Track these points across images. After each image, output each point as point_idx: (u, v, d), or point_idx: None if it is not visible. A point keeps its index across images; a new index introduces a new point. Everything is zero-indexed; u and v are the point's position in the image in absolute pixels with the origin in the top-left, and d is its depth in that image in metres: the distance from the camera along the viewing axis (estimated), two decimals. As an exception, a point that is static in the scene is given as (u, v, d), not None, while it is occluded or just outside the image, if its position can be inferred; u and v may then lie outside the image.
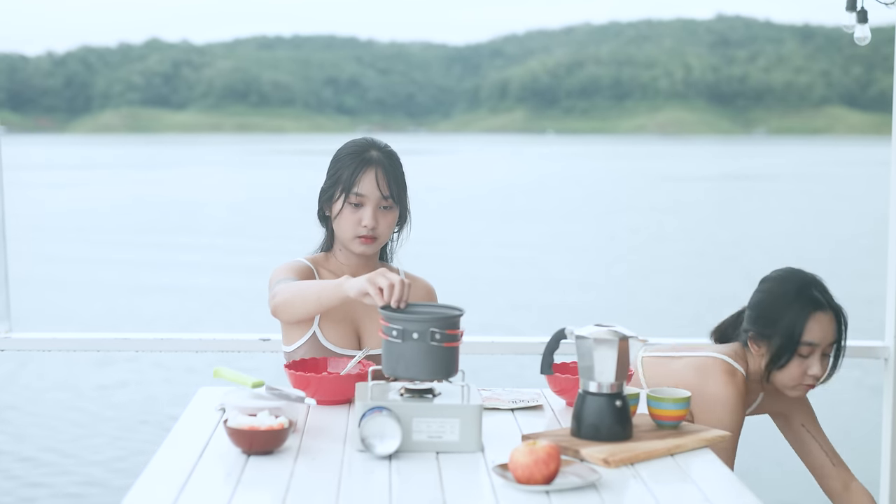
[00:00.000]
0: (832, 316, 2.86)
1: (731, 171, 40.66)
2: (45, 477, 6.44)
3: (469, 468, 2.18)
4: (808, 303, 2.85)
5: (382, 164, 2.89)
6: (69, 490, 6.21)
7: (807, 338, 2.83)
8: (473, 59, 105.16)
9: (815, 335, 2.84)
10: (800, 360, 2.86)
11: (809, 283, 2.89)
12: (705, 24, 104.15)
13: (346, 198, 2.86)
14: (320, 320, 2.88)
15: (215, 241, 19.35)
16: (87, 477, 6.46)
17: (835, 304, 2.88)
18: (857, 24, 3.47)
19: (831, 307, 2.87)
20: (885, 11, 3.47)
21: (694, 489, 2.10)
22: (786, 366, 2.86)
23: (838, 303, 2.90)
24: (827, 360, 2.89)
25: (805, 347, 2.84)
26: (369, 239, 2.89)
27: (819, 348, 2.85)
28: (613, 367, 2.34)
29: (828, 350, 2.87)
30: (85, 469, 6.62)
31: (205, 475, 2.13)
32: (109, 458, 6.88)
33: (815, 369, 2.85)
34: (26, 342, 3.73)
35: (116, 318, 12.13)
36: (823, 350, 2.86)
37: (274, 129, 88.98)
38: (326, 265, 2.98)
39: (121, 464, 6.73)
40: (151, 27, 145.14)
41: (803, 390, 2.89)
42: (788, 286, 2.89)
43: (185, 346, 3.66)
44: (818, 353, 2.85)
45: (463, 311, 2.41)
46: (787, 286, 2.89)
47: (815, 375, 2.86)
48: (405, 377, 2.33)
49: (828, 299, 2.88)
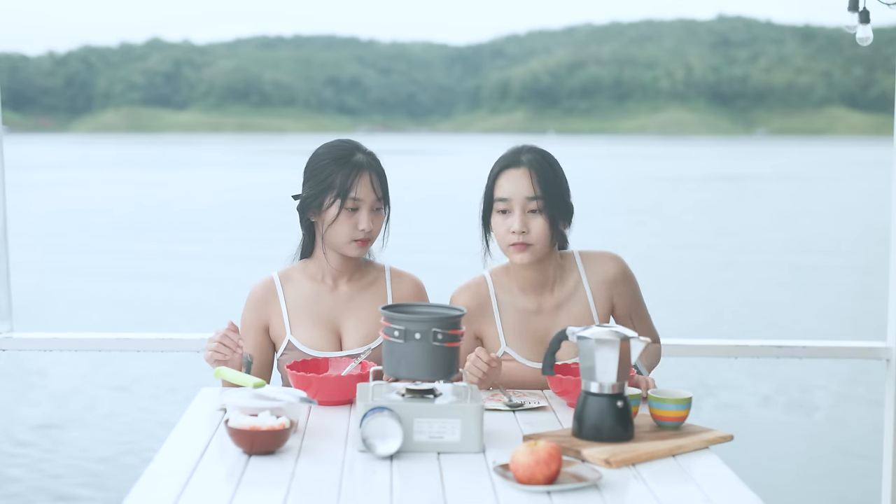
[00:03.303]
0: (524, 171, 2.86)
1: (732, 172, 40.64)
2: (45, 477, 6.43)
3: (470, 468, 2.18)
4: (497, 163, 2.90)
5: (372, 166, 2.90)
6: (69, 490, 6.21)
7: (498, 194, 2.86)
8: (474, 60, 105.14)
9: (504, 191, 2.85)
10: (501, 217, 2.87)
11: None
12: (706, 24, 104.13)
13: (343, 203, 2.85)
14: (292, 328, 2.90)
15: (216, 241, 19.36)
16: (88, 477, 6.46)
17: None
18: (860, 24, 3.46)
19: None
20: (886, 12, 3.47)
21: (695, 489, 2.10)
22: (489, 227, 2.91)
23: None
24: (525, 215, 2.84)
25: (500, 203, 2.85)
26: (365, 241, 2.90)
27: (512, 203, 2.84)
28: (615, 368, 2.34)
29: (527, 205, 2.84)
30: (85, 469, 6.62)
31: (206, 475, 2.13)
32: (110, 458, 6.87)
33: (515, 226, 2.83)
34: (27, 342, 3.73)
35: (117, 318, 12.13)
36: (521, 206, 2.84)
37: (275, 129, 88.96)
38: (305, 272, 2.99)
39: (121, 464, 6.73)
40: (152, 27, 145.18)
41: (513, 251, 2.86)
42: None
43: (185, 346, 3.67)
44: (516, 210, 2.84)
45: (464, 311, 2.42)
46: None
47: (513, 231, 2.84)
48: (407, 377, 2.34)
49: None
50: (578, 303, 2.92)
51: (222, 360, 2.72)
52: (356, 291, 2.97)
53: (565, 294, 2.92)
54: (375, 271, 3.02)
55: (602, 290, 2.94)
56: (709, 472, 2.21)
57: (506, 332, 2.91)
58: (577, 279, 2.94)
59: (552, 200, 2.82)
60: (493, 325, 2.92)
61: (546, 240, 2.83)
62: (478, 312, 2.92)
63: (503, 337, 2.90)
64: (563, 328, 2.61)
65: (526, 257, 2.83)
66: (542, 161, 2.86)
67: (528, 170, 2.83)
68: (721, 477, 2.18)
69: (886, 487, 3.71)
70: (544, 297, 2.93)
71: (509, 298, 2.93)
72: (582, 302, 2.92)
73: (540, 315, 2.91)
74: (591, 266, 2.95)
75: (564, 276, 2.94)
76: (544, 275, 2.91)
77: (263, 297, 2.96)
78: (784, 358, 3.77)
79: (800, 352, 3.78)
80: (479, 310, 2.92)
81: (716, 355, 3.85)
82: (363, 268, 3.01)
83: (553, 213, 2.83)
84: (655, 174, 38.66)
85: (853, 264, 16.60)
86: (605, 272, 2.95)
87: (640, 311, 3.01)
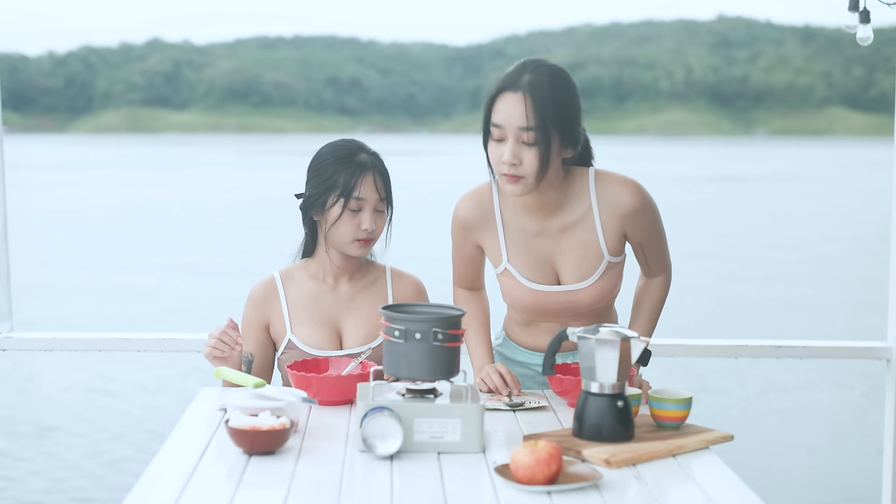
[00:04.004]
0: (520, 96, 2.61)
1: (732, 172, 40.63)
2: (44, 478, 6.43)
3: (470, 468, 2.18)
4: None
5: (376, 166, 2.91)
6: (69, 491, 6.21)
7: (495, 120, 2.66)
8: (474, 60, 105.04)
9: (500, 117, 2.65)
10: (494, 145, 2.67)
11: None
12: (706, 24, 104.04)
13: (346, 203, 2.86)
14: (293, 327, 2.90)
15: (216, 241, 19.35)
16: (88, 477, 6.46)
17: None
18: (860, 24, 3.46)
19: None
20: (887, 12, 3.47)
21: (696, 490, 2.10)
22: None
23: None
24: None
25: (495, 130, 2.65)
26: (367, 241, 2.90)
27: (505, 131, 2.64)
28: (615, 368, 2.34)
29: (520, 136, 2.63)
30: (85, 469, 6.61)
31: (206, 475, 2.13)
32: (110, 458, 6.87)
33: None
34: (27, 342, 3.73)
35: (117, 318, 12.13)
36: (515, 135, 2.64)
37: (275, 130, 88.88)
38: (306, 271, 3.00)
39: (121, 464, 6.72)
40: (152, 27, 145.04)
41: (504, 181, 2.68)
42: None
43: (185, 346, 3.67)
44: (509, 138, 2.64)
45: (465, 310, 2.42)
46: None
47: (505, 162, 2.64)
48: (407, 377, 2.34)
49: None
50: (585, 229, 2.77)
51: (221, 357, 2.72)
52: (357, 291, 2.98)
53: (571, 219, 2.77)
54: (376, 271, 3.03)
55: (614, 221, 2.76)
56: (709, 472, 2.21)
57: (508, 249, 2.84)
58: (586, 206, 2.77)
59: (549, 130, 2.60)
60: (495, 238, 2.84)
61: (538, 173, 2.62)
62: (482, 221, 2.84)
63: (506, 253, 2.84)
64: (571, 259, 2.58)
65: (517, 189, 2.66)
66: (543, 84, 2.61)
67: (524, 95, 2.59)
68: (721, 477, 2.18)
69: (886, 487, 3.71)
70: (548, 220, 2.79)
71: (512, 215, 2.82)
72: (589, 228, 2.77)
73: (542, 236, 2.81)
74: (604, 193, 2.76)
75: (572, 200, 2.77)
76: (544, 200, 2.75)
77: (264, 296, 2.96)
78: (784, 358, 3.77)
79: (800, 352, 3.78)
80: (483, 219, 2.84)
81: (716, 355, 3.85)
82: (364, 268, 3.02)
83: (548, 144, 2.60)
84: (655, 174, 38.62)
85: (853, 264, 16.60)
86: (619, 204, 2.75)
87: (654, 241, 2.83)
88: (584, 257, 2.78)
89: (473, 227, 2.86)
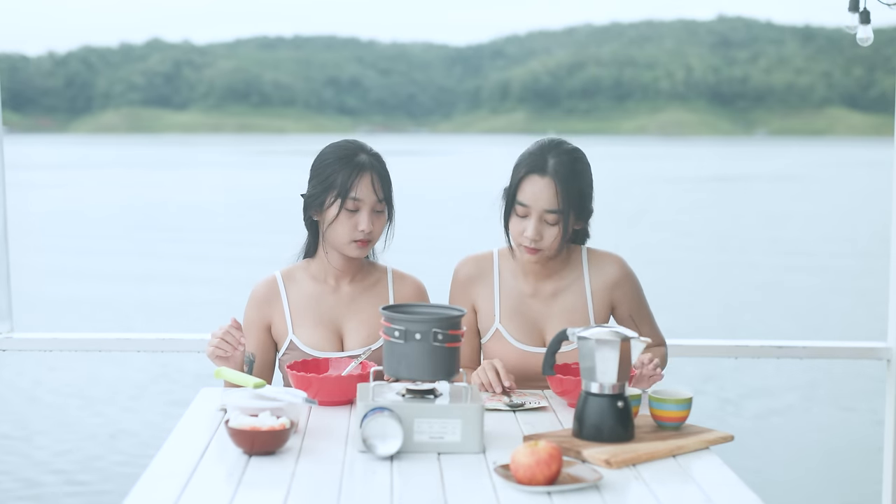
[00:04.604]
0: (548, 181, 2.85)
1: (732, 172, 40.63)
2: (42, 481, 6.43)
3: (470, 469, 2.18)
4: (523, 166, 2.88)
5: (375, 167, 2.89)
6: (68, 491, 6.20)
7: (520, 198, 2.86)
8: (474, 60, 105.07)
9: (526, 197, 2.85)
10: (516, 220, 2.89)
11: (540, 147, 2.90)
12: (706, 24, 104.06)
13: (343, 203, 2.85)
14: (294, 328, 2.90)
15: (217, 242, 19.35)
16: (88, 477, 6.46)
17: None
18: (860, 24, 3.46)
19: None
20: (887, 12, 3.47)
21: (696, 490, 2.10)
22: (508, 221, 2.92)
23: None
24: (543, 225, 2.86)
25: (520, 208, 2.86)
26: (365, 242, 2.89)
27: (530, 210, 2.85)
28: (615, 368, 2.34)
29: (545, 216, 2.85)
30: (85, 469, 6.61)
31: (206, 476, 2.13)
32: (110, 458, 6.87)
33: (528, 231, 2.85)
34: (28, 342, 3.73)
35: (117, 318, 12.13)
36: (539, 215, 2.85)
37: (275, 130, 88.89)
38: (308, 271, 2.99)
39: (121, 464, 6.72)
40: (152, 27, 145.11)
41: (523, 251, 2.89)
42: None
43: (186, 346, 3.67)
44: (533, 216, 2.85)
45: (464, 311, 2.41)
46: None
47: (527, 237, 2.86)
48: (407, 378, 2.33)
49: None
50: (576, 294, 2.97)
51: (224, 357, 2.72)
52: (358, 292, 2.97)
53: (564, 284, 2.98)
54: (378, 273, 3.03)
55: (602, 291, 2.99)
56: (709, 473, 2.21)
57: (501, 310, 2.96)
58: (578, 274, 2.99)
59: (570, 212, 2.84)
60: (490, 300, 2.98)
61: (557, 246, 2.87)
62: (479, 282, 3.00)
63: (498, 313, 2.96)
64: (558, 322, 2.62)
65: (534, 259, 2.90)
66: (568, 169, 2.85)
67: (552, 181, 2.83)
68: (721, 477, 2.18)
69: (887, 487, 3.71)
70: (543, 283, 2.98)
71: (510, 278, 3.00)
72: (579, 295, 2.97)
73: (535, 298, 2.97)
74: (595, 265, 3.01)
75: (567, 267, 3.00)
76: (548, 266, 2.97)
77: (266, 297, 2.96)
78: (784, 358, 3.77)
79: (800, 352, 3.78)
80: (480, 280, 3.00)
81: (716, 355, 3.85)
82: (366, 269, 3.01)
83: (568, 223, 2.85)
84: (655, 175, 38.65)
85: (853, 264, 16.60)
86: (607, 273, 3.00)
87: (642, 312, 3.03)
88: (571, 322, 2.93)
89: (472, 286, 3.00)
